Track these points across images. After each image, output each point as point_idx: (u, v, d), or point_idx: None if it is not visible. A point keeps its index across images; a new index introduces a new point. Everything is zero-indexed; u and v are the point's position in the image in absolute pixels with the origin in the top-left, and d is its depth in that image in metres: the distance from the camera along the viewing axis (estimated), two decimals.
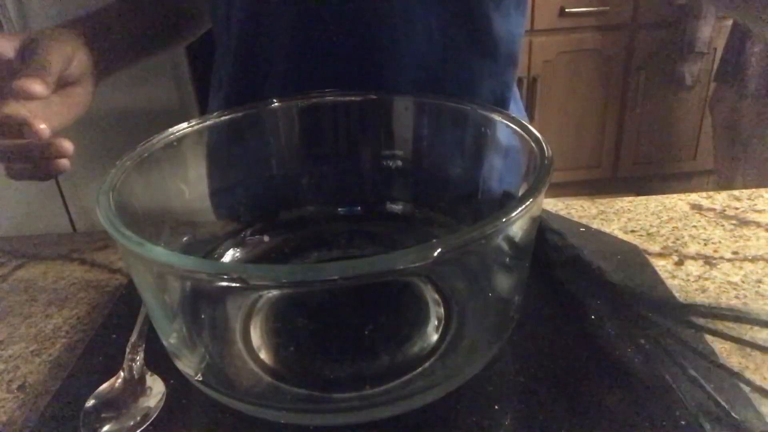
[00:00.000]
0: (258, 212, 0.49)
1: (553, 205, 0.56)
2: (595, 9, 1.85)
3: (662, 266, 0.46)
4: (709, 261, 0.47)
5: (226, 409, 0.33)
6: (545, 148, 0.35)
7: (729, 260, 0.47)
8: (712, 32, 1.82)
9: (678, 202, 0.56)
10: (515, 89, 0.63)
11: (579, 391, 0.33)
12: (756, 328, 0.39)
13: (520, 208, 0.28)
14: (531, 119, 1.91)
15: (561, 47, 1.90)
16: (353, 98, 0.47)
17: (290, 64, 0.54)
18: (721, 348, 0.37)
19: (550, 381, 0.34)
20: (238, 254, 0.47)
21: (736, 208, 0.54)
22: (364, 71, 0.53)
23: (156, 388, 0.35)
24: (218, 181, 0.47)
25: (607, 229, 0.52)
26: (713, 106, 1.81)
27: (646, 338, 0.36)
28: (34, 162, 0.42)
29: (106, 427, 0.33)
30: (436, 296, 0.40)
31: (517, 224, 0.29)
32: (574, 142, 2.08)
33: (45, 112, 0.39)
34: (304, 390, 0.33)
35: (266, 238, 0.48)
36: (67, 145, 0.41)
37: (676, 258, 0.47)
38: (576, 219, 0.53)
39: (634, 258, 0.46)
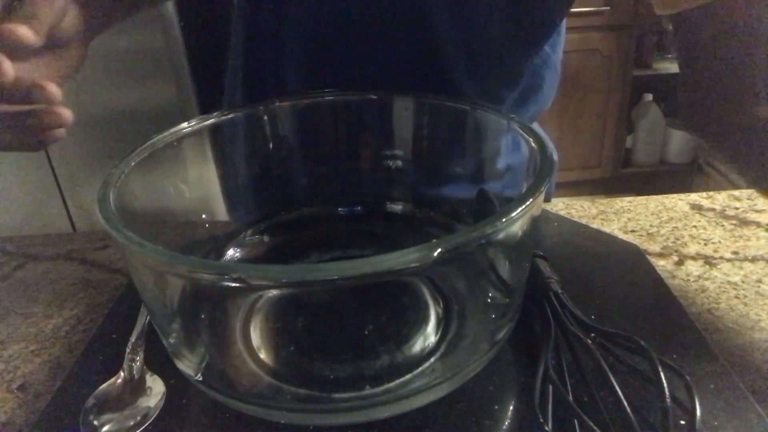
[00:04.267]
0: (258, 212, 0.49)
1: (553, 205, 0.56)
2: (595, 9, 1.85)
3: (662, 266, 0.46)
4: (709, 261, 0.47)
5: (226, 409, 0.33)
6: (546, 148, 0.35)
7: (729, 260, 0.47)
8: None
9: (678, 202, 0.56)
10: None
11: (579, 391, 0.33)
12: (756, 328, 0.39)
13: (520, 208, 0.28)
14: None
15: None
16: (353, 98, 0.47)
17: (305, 70, 0.54)
18: (721, 348, 0.37)
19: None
20: (238, 254, 0.47)
21: (736, 208, 0.54)
22: (376, 74, 0.53)
23: (156, 388, 0.35)
24: (221, 181, 0.47)
25: (607, 229, 0.52)
26: None
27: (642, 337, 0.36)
28: (28, 130, 0.38)
29: (106, 427, 0.33)
30: (436, 296, 0.40)
31: (517, 224, 0.29)
32: (574, 142, 2.08)
33: (42, 72, 0.37)
34: (304, 390, 0.33)
35: (266, 238, 0.48)
36: (68, 114, 0.38)
37: (676, 258, 0.47)
38: (576, 219, 0.53)
39: (634, 258, 0.46)
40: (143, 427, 0.33)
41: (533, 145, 0.36)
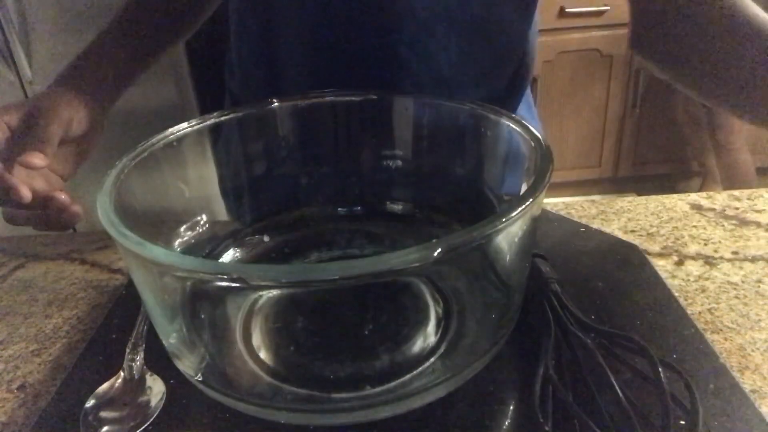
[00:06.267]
0: (258, 212, 0.49)
1: (553, 205, 0.55)
2: (595, 9, 1.85)
3: (662, 266, 0.46)
4: (709, 261, 0.47)
5: (226, 409, 0.33)
6: (545, 148, 0.35)
7: (729, 260, 0.47)
8: None
9: (678, 202, 0.56)
10: (529, 96, 0.63)
11: (579, 391, 0.33)
12: (756, 328, 0.39)
13: (520, 208, 0.28)
14: None
15: (561, 47, 1.89)
16: (353, 98, 0.47)
17: (305, 72, 0.54)
18: (721, 348, 0.37)
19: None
20: (238, 254, 0.47)
21: (736, 208, 0.54)
22: (378, 77, 0.53)
23: (156, 388, 0.35)
24: (221, 181, 0.47)
25: (607, 229, 0.52)
26: None
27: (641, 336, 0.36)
28: (46, 216, 0.44)
29: (106, 427, 0.33)
30: (436, 296, 0.40)
31: (517, 224, 0.29)
32: (574, 142, 2.08)
33: (55, 167, 0.45)
34: (304, 390, 0.33)
35: (266, 238, 0.48)
36: (79, 210, 0.43)
37: (676, 258, 0.47)
38: (576, 219, 0.53)
39: (634, 258, 0.46)
40: (143, 427, 0.33)
41: (532, 144, 0.36)
